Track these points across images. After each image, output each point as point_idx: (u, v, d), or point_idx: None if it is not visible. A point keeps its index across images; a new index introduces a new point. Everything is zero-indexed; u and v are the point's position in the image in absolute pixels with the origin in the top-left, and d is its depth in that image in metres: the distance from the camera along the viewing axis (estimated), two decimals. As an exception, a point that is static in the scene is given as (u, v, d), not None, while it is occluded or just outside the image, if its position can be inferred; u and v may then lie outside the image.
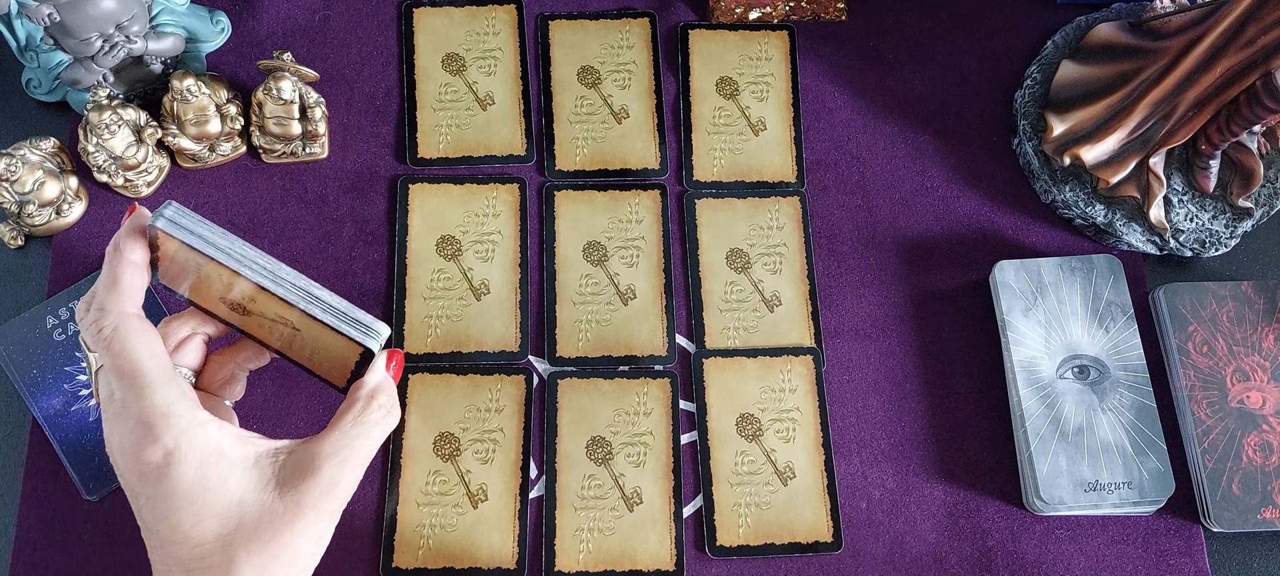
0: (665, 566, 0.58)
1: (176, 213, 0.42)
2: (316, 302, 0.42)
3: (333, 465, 0.42)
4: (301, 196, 0.66)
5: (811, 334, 0.64)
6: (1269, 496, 0.59)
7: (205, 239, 0.41)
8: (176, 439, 0.40)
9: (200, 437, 0.41)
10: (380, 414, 0.44)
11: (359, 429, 0.43)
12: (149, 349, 0.42)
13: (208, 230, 0.42)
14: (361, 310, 0.43)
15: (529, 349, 0.63)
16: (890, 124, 0.69)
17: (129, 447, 0.41)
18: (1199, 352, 0.62)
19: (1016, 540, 0.60)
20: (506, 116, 0.68)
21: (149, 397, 0.41)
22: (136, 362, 0.41)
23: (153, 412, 0.40)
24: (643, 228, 0.66)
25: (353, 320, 0.43)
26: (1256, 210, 0.65)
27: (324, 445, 0.42)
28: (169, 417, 0.41)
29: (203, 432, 0.41)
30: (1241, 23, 0.58)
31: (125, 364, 0.41)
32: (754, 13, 0.71)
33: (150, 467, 0.40)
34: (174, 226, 0.41)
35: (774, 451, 0.61)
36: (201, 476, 0.40)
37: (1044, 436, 0.59)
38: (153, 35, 0.62)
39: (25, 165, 0.60)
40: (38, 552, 0.57)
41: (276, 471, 0.42)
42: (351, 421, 0.43)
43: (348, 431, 0.43)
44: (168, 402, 0.41)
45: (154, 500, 0.41)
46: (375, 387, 0.44)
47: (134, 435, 0.40)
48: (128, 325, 0.42)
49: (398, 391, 0.60)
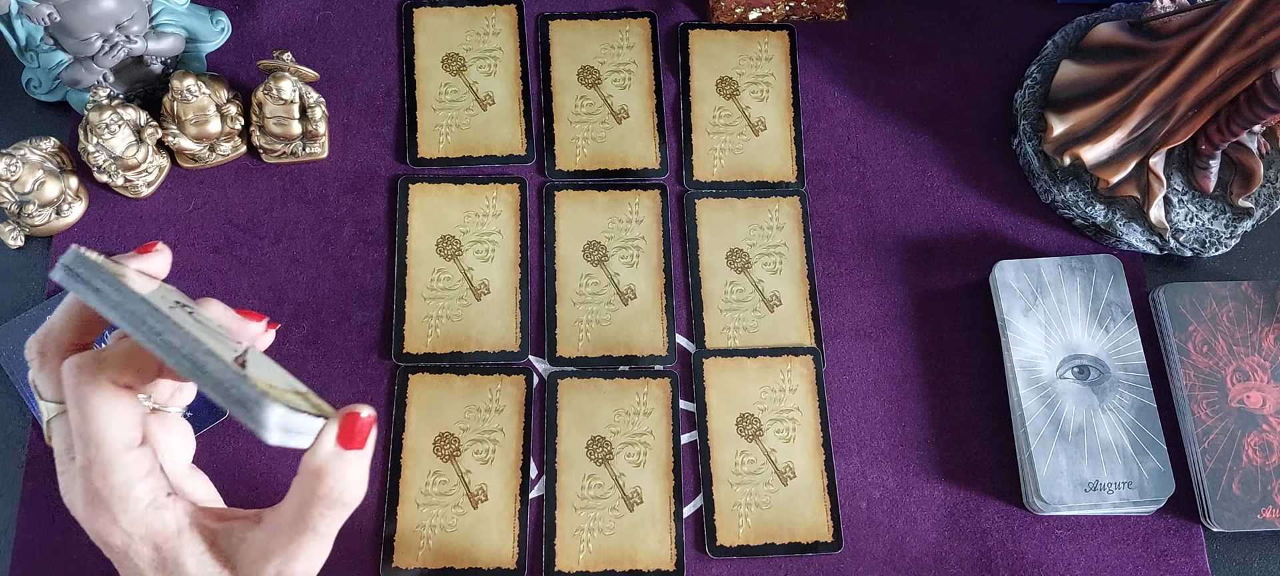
0: (665, 566, 0.58)
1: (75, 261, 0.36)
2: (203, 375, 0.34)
3: (278, 561, 0.38)
4: (301, 196, 0.66)
5: (811, 334, 0.64)
6: (1269, 496, 0.59)
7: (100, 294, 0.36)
8: (132, 524, 0.38)
9: (156, 522, 0.38)
10: (325, 504, 0.38)
11: (303, 525, 0.38)
12: (119, 419, 0.38)
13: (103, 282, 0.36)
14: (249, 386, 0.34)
15: (529, 349, 0.63)
16: (890, 124, 0.69)
17: (86, 517, 0.38)
18: (1199, 352, 0.62)
19: (1016, 540, 0.60)
20: (506, 116, 0.68)
21: (109, 477, 0.37)
22: (102, 434, 0.37)
23: (111, 494, 0.37)
24: (643, 228, 0.66)
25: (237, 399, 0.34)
26: (1256, 210, 0.65)
27: (273, 539, 0.38)
28: (126, 502, 0.37)
29: (159, 516, 0.38)
30: (1241, 23, 0.58)
31: (91, 431, 0.37)
32: (754, 13, 0.71)
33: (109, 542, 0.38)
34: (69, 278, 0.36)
35: (774, 451, 0.61)
36: (159, 557, 0.38)
37: (1044, 436, 0.59)
38: (153, 35, 0.62)
39: (25, 165, 0.60)
40: (38, 552, 0.57)
41: (232, 552, 0.39)
42: (294, 515, 0.38)
43: (294, 526, 0.38)
44: (127, 483, 0.37)
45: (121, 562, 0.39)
46: (315, 471, 0.37)
47: (91, 508, 0.38)
48: (98, 390, 0.37)
49: (400, 393, 0.61)
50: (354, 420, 0.38)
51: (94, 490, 0.37)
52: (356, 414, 0.38)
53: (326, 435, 0.37)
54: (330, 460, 0.37)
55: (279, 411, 0.34)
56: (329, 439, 0.37)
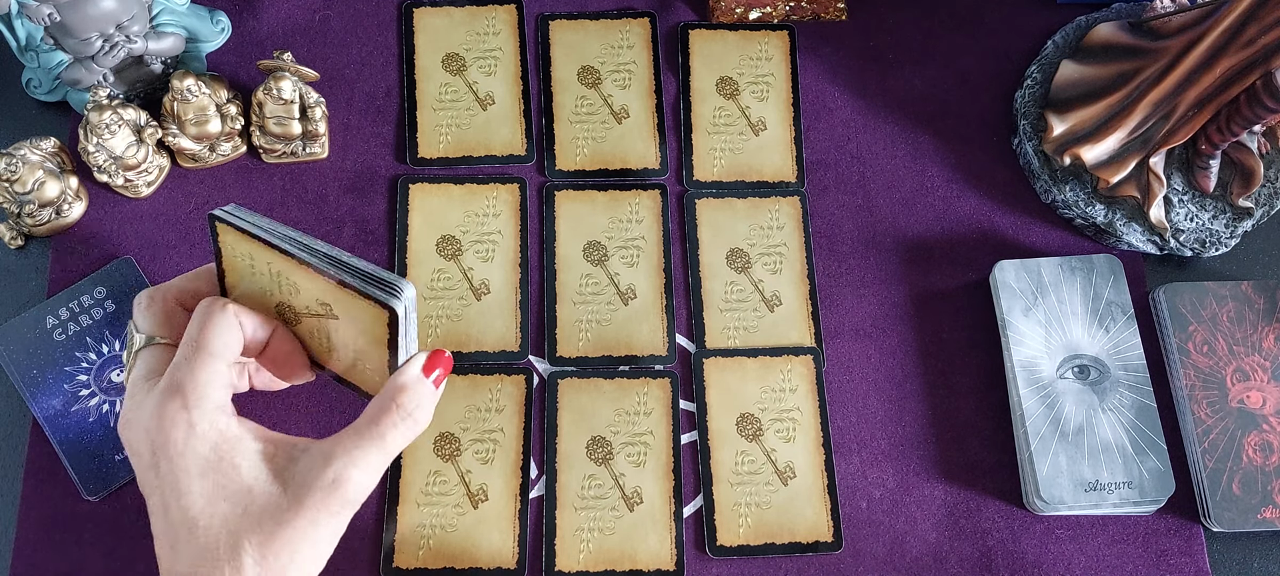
0: (665, 566, 0.58)
1: (234, 207, 0.45)
2: (343, 267, 0.42)
3: (339, 464, 0.41)
4: (301, 196, 0.66)
5: (811, 334, 0.64)
6: (1269, 496, 0.59)
7: (256, 224, 0.43)
8: (201, 414, 0.41)
9: (221, 421, 0.42)
10: (399, 416, 0.43)
11: (374, 430, 0.42)
12: (229, 337, 0.43)
13: (261, 219, 0.44)
14: (389, 272, 0.42)
15: (529, 349, 0.63)
16: (890, 124, 0.69)
17: (154, 415, 0.42)
18: (1199, 352, 0.62)
19: (1016, 540, 0.60)
20: (506, 116, 0.68)
21: (198, 371, 0.42)
22: (210, 338, 0.43)
23: (194, 386, 0.42)
24: (643, 227, 0.66)
25: (377, 280, 0.41)
26: (1256, 210, 0.65)
27: (337, 444, 0.42)
28: (202, 394, 0.42)
29: (224, 418, 0.42)
30: (1241, 22, 0.58)
31: (202, 336, 0.43)
32: (754, 13, 0.71)
33: (168, 434, 0.41)
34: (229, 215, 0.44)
35: (774, 451, 0.61)
36: (216, 456, 0.41)
37: (1044, 436, 0.59)
38: (153, 35, 0.62)
39: (25, 165, 0.60)
40: (38, 552, 0.57)
41: (289, 465, 0.42)
42: (368, 422, 0.43)
43: (363, 432, 0.42)
44: (206, 381, 0.42)
45: (169, 472, 0.41)
46: (400, 386, 0.43)
47: (166, 398, 0.42)
48: (223, 309, 0.44)
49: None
50: (439, 354, 0.45)
51: (178, 381, 0.42)
52: (442, 351, 0.45)
53: (416, 359, 0.44)
54: (415, 380, 0.43)
55: (413, 290, 0.42)
56: (417, 362, 0.44)
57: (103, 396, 0.59)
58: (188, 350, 0.43)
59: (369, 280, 0.42)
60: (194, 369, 0.42)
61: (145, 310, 0.46)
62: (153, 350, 0.45)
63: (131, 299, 0.61)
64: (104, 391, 0.60)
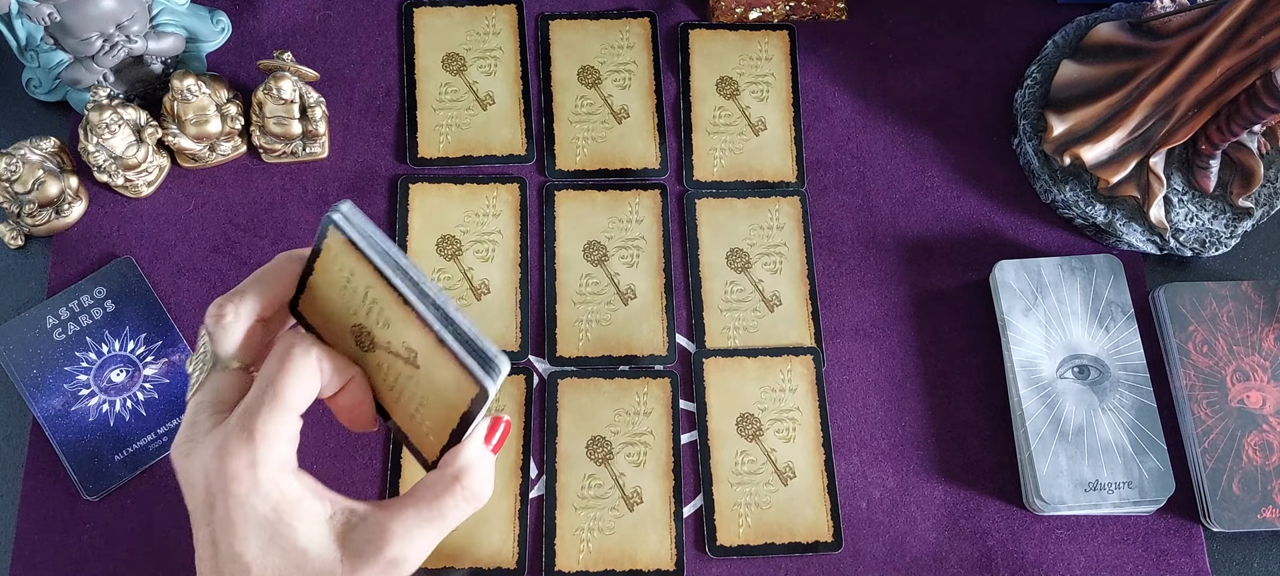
0: (665, 566, 0.58)
1: (353, 210, 0.40)
2: (448, 323, 0.39)
3: (399, 543, 0.40)
4: (301, 196, 0.66)
5: (811, 334, 0.64)
6: (1269, 496, 0.59)
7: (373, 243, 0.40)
8: (267, 472, 0.39)
9: (284, 481, 0.40)
10: (462, 496, 0.41)
11: (434, 510, 0.41)
12: (307, 388, 0.41)
13: (378, 236, 0.40)
14: (488, 342, 0.39)
15: (529, 348, 0.63)
16: (890, 124, 0.69)
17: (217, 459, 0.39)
18: (1199, 352, 0.62)
19: (1016, 540, 0.60)
20: (506, 116, 0.68)
21: (270, 421, 0.39)
22: (288, 388, 0.40)
23: (263, 437, 0.39)
24: (643, 227, 0.66)
25: (478, 351, 0.38)
26: (1256, 210, 0.65)
27: (397, 521, 0.41)
28: (271, 450, 0.39)
29: (288, 477, 0.40)
30: (1241, 22, 0.58)
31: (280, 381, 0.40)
32: (754, 13, 0.71)
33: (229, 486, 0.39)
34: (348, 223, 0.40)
35: (774, 451, 0.61)
36: (274, 515, 0.40)
37: (1044, 436, 0.59)
38: (153, 35, 0.62)
39: (25, 165, 0.60)
40: (37, 553, 0.57)
41: (347, 534, 0.41)
42: (429, 501, 0.41)
43: (423, 512, 0.41)
44: (277, 436, 0.40)
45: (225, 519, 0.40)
46: (465, 466, 0.41)
47: (233, 444, 0.39)
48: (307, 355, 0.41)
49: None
50: (498, 424, 0.42)
51: (251, 429, 0.39)
52: (500, 419, 0.42)
53: (477, 433, 0.41)
54: (478, 457, 0.41)
55: (508, 366, 0.39)
56: (479, 437, 0.41)
57: (103, 396, 0.59)
58: (263, 395, 0.40)
59: (470, 348, 0.39)
60: (267, 420, 0.39)
61: (227, 329, 0.42)
62: (225, 375, 0.43)
63: (132, 299, 0.61)
64: (104, 391, 0.60)
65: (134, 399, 0.60)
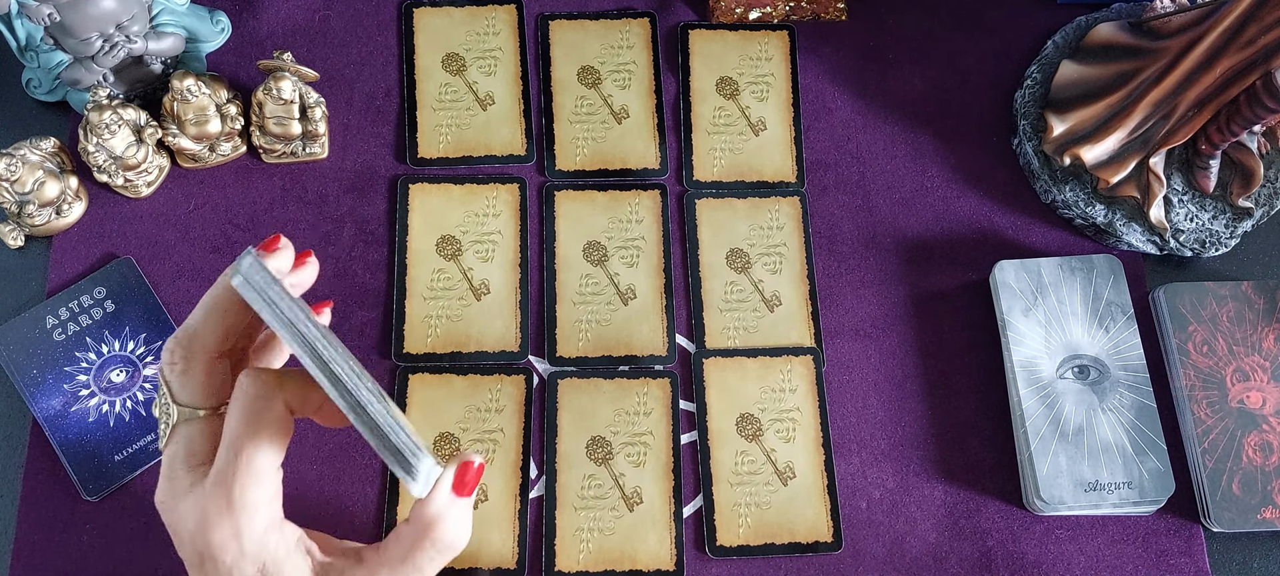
0: (665, 566, 0.58)
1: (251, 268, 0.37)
2: (362, 415, 0.36)
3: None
4: (301, 196, 0.66)
5: (811, 334, 0.64)
6: (1269, 496, 0.59)
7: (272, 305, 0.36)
8: (251, 541, 0.38)
9: (271, 541, 0.39)
10: (432, 549, 0.40)
11: (409, 564, 0.40)
12: (277, 443, 0.39)
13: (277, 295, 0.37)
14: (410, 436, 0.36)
15: (529, 349, 0.63)
16: (890, 124, 0.69)
17: (200, 527, 0.38)
18: (1199, 352, 0.62)
19: (1016, 540, 0.60)
20: (506, 116, 0.68)
21: (250, 491, 0.38)
22: (259, 450, 0.38)
23: (244, 507, 0.38)
24: (643, 227, 0.66)
25: (394, 450, 0.36)
26: (1256, 210, 0.65)
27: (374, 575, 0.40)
28: (254, 517, 0.38)
29: (274, 536, 0.39)
30: (1241, 23, 0.58)
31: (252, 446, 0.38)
32: (754, 13, 0.71)
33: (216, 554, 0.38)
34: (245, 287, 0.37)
35: (774, 451, 0.61)
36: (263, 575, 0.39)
37: (1044, 436, 0.59)
38: (153, 35, 0.62)
39: (25, 165, 0.60)
40: (37, 553, 0.57)
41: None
42: (402, 555, 0.40)
43: (396, 566, 0.40)
44: (260, 500, 0.39)
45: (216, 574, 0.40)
46: (433, 518, 0.39)
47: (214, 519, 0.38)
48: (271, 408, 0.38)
49: (400, 393, 0.61)
50: (467, 469, 0.40)
51: (228, 500, 0.38)
52: (469, 463, 0.40)
53: (444, 483, 0.39)
54: (446, 508, 0.39)
55: (430, 464, 0.35)
56: (445, 487, 0.39)
57: (103, 396, 0.59)
58: (234, 460, 0.38)
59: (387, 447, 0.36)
60: (244, 487, 0.38)
61: (183, 376, 0.40)
62: (194, 424, 0.41)
63: (132, 299, 0.61)
64: (104, 391, 0.60)
65: (134, 399, 0.60)
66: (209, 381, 0.41)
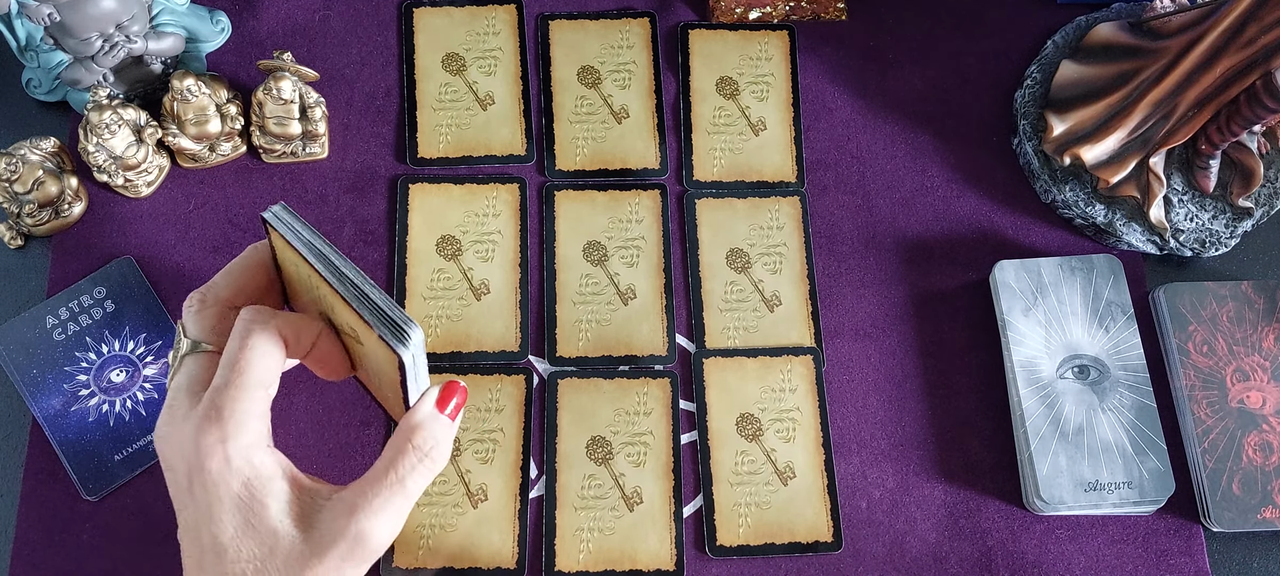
0: (665, 566, 0.58)
1: (283, 210, 0.43)
2: (364, 300, 0.41)
3: (362, 519, 0.41)
4: (301, 196, 0.66)
5: (811, 334, 0.64)
6: (1269, 496, 0.59)
7: (299, 235, 0.42)
8: (237, 447, 0.40)
9: (256, 457, 0.41)
10: (417, 458, 0.42)
11: (392, 477, 0.41)
12: (269, 361, 0.42)
13: (305, 230, 0.42)
14: (400, 310, 0.41)
15: (529, 349, 0.63)
16: (890, 124, 0.69)
17: (192, 440, 0.41)
18: (1199, 352, 0.62)
19: (1016, 540, 0.60)
20: (506, 116, 0.68)
21: (239, 400, 0.41)
22: (251, 364, 0.41)
23: (232, 415, 0.40)
24: (643, 227, 0.66)
25: (388, 319, 0.40)
26: (1256, 210, 0.65)
27: (359, 496, 0.41)
28: (240, 425, 0.41)
29: (259, 455, 0.41)
30: (1241, 22, 0.58)
31: (243, 359, 0.41)
32: (754, 13, 0.71)
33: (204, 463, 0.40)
34: (278, 221, 0.42)
35: (774, 451, 0.61)
36: (247, 493, 0.40)
37: (1044, 436, 0.59)
38: (153, 35, 0.62)
39: (25, 165, 0.60)
40: (37, 552, 0.57)
41: (313, 514, 0.41)
42: (386, 467, 0.42)
43: (379, 482, 0.41)
44: (246, 411, 0.41)
45: (202, 500, 0.41)
46: (415, 426, 0.42)
47: (206, 424, 0.40)
48: (266, 330, 0.42)
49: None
50: (453, 386, 0.43)
51: (218, 407, 0.41)
52: (456, 382, 0.43)
53: (429, 395, 0.43)
54: (428, 418, 0.42)
55: (421, 334, 0.40)
56: (430, 399, 0.43)
57: (103, 396, 0.59)
58: (228, 374, 0.41)
59: (382, 319, 0.40)
60: (234, 398, 0.41)
61: (197, 315, 0.44)
62: (198, 358, 0.44)
63: (132, 299, 0.61)
64: (104, 391, 0.60)
65: (134, 399, 0.60)
66: (220, 323, 0.44)
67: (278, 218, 0.43)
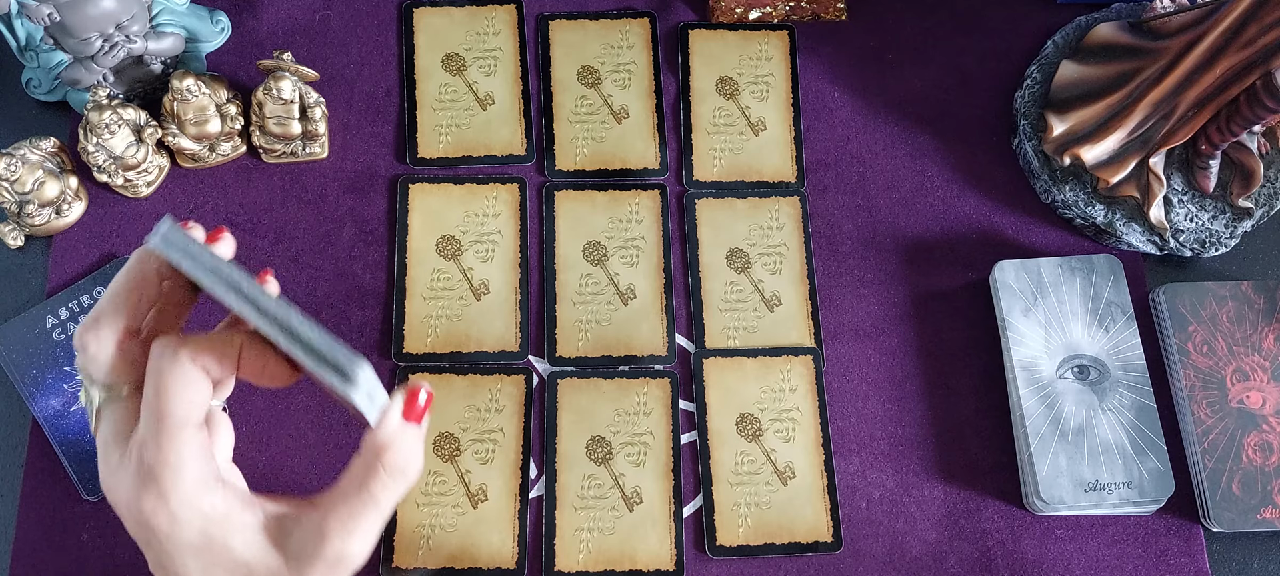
0: (665, 566, 0.58)
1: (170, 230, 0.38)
2: (294, 338, 0.36)
3: (339, 539, 0.38)
4: (301, 196, 0.66)
5: (811, 334, 0.64)
6: (1269, 496, 0.59)
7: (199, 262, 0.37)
8: (180, 503, 0.37)
9: (204, 502, 0.38)
10: (386, 476, 0.39)
11: (364, 497, 0.39)
12: (192, 396, 0.38)
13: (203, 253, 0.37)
14: (341, 346, 0.36)
15: (529, 349, 0.63)
16: (890, 124, 0.69)
17: (132, 498, 0.38)
18: (1199, 352, 0.62)
19: (1016, 540, 0.60)
20: (506, 116, 0.68)
21: (166, 450, 0.37)
22: (169, 405, 0.37)
23: (164, 467, 0.37)
24: (643, 227, 0.66)
25: (332, 364, 0.36)
26: (1256, 210, 0.65)
27: (330, 517, 0.39)
28: (179, 476, 0.37)
29: (208, 498, 0.38)
30: (1241, 22, 0.58)
31: (161, 403, 0.37)
32: (754, 13, 0.71)
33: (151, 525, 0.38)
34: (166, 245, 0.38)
35: (774, 451, 0.61)
36: (204, 540, 0.38)
37: (1044, 436, 0.59)
38: (153, 35, 0.62)
39: (25, 165, 0.60)
40: (37, 552, 0.57)
41: (283, 537, 0.39)
42: (356, 486, 0.39)
43: (351, 499, 0.39)
44: (179, 460, 0.38)
45: (160, 551, 0.38)
46: (382, 444, 0.39)
47: (140, 486, 0.38)
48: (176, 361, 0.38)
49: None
50: (415, 394, 0.39)
51: (148, 465, 0.37)
52: (418, 388, 0.39)
53: (393, 409, 0.39)
54: (396, 433, 0.39)
55: (369, 372, 0.36)
56: (396, 412, 0.39)
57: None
58: (152, 424, 0.37)
59: (320, 361, 0.36)
60: (162, 449, 0.37)
61: (94, 359, 0.39)
62: (116, 405, 0.40)
63: (131, 299, 0.61)
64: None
65: (134, 399, 0.60)
66: (122, 359, 0.40)
67: (168, 243, 0.38)
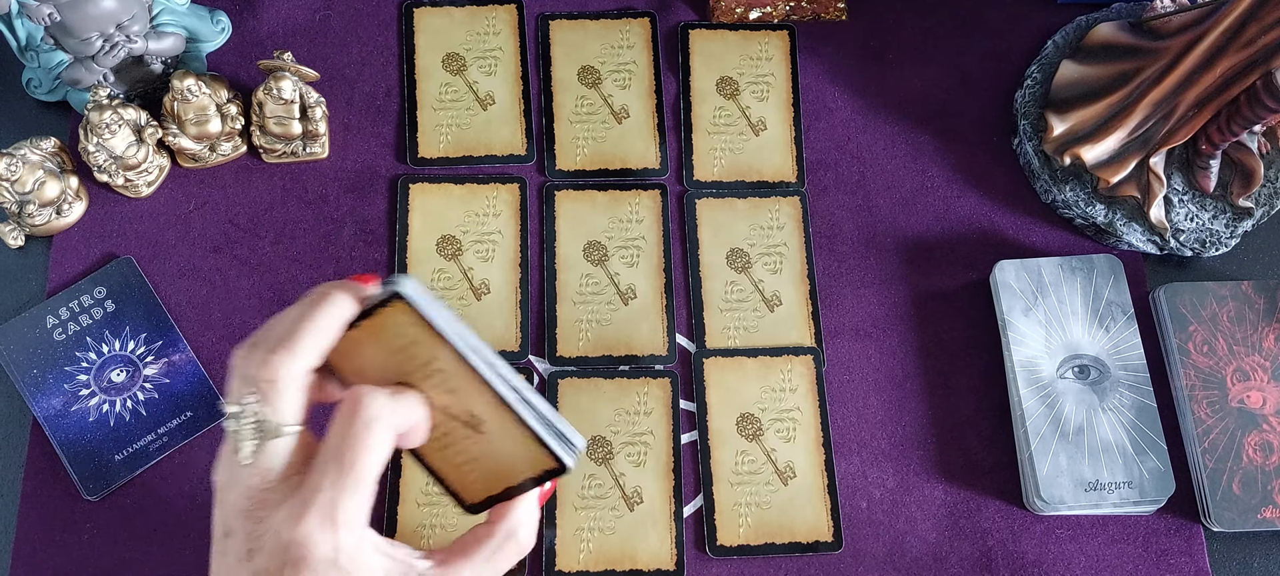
0: (665, 566, 0.58)
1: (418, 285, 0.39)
2: (527, 406, 0.39)
3: None
4: (302, 196, 0.66)
5: (811, 334, 0.64)
6: (1269, 496, 0.59)
7: (450, 322, 0.39)
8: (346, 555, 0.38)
9: (361, 556, 0.38)
10: (515, 550, 0.42)
11: (491, 566, 0.42)
12: (384, 456, 0.39)
13: (449, 312, 0.39)
14: (563, 418, 0.40)
15: (529, 348, 0.63)
16: (890, 124, 0.69)
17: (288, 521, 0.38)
18: (1199, 352, 0.62)
19: (1016, 540, 0.60)
20: (507, 116, 0.68)
21: (348, 496, 0.37)
22: (370, 470, 0.38)
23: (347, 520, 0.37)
24: (643, 227, 0.66)
25: (557, 431, 0.39)
26: (1257, 210, 0.65)
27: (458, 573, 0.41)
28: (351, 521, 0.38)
29: (364, 552, 0.38)
30: (1242, 22, 0.58)
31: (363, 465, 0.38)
32: (754, 13, 0.71)
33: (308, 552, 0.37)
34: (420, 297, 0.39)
35: (774, 451, 0.61)
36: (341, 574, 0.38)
37: (1044, 436, 0.59)
38: (153, 35, 0.62)
39: (25, 165, 0.60)
40: (38, 552, 0.57)
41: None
42: (486, 558, 0.41)
43: (480, 569, 0.41)
44: (357, 507, 0.38)
45: None
46: (520, 522, 0.42)
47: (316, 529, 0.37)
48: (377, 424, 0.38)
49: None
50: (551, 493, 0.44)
51: (333, 517, 0.37)
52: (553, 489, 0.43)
53: (534, 494, 0.42)
54: (530, 513, 0.42)
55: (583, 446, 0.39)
56: (534, 495, 0.42)
57: (103, 396, 0.60)
58: (336, 469, 0.37)
59: (551, 430, 0.39)
60: (349, 505, 0.37)
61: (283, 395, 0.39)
62: (286, 441, 0.39)
63: (132, 299, 0.61)
64: (104, 391, 0.60)
65: (134, 399, 0.60)
66: (300, 393, 0.40)
67: (418, 295, 0.39)
